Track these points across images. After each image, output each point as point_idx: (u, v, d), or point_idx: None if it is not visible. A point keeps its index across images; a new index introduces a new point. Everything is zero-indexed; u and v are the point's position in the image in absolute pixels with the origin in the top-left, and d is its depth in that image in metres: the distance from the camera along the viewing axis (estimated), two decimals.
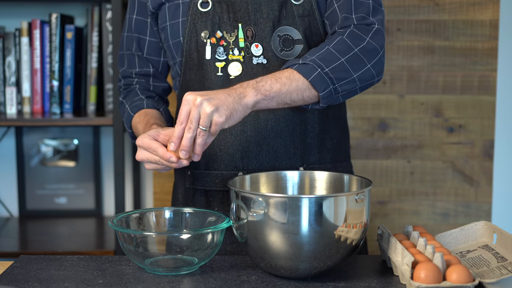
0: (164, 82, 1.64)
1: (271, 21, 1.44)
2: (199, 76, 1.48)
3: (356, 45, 1.37)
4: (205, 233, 1.23)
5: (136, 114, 1.54)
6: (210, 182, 1.50)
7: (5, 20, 2.43)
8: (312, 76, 1.33)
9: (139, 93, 1.59)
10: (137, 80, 1.62)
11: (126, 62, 1.62)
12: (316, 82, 1.33)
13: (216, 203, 1.50)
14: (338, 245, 1.18)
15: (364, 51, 1.37)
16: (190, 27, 1.46)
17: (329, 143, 1.51)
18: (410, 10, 2.44)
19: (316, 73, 1.33)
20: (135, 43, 1.60)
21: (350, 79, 1.36)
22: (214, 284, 1.18)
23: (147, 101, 1.57)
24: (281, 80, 1.31)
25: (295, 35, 1.44)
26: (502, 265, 1.21)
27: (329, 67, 1.33)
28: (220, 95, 1.25)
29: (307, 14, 1.45)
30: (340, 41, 1.37)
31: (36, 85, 2.30)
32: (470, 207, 2.49)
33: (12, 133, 2.52)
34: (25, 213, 2.53)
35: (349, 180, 1.34)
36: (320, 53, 1.35)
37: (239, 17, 1.45)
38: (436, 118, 2.47)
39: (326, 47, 1.36)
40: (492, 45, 2.44)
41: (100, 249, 2.17)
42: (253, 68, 1.44)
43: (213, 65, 1.45)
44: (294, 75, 1.33)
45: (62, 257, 1.33)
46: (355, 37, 1.38)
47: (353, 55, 1.36)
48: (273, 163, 1.46)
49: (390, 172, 2.49)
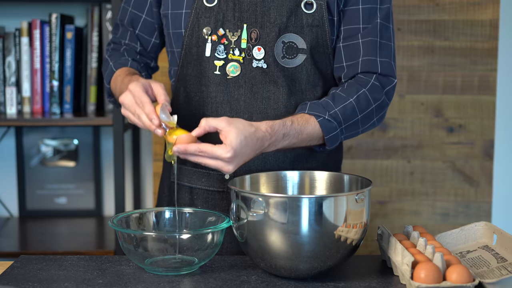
0: (150, 60, 1.61)
1: (277, 26, 1.42)
2: (196, 71, 1.47)
3: (374, 101, 1.43)
4: (205, 233, 1.23)
5: (118, 70, 1.52)
6: (195, 180, 1.50)
7: (5, 20, 2.43)
8: (330, 135, 1.39)
9: (126, 55, 1.57)
10: (125, 47, 1.60)
11: (119, 32, 1.60)
12: (330, 139, 1.40)
13: (200, 201, 1.50)
14: (338, 245, 1.18)
15: (378, 107, 1.44)
16: (193, 21, 1.45)
17: (319, 154, 1.51)
18: (410, 10, 2.44)
19: (334, 133, 1.39)
20: (128, 18, 1.57)
21: (355, 133, 1.45)
22: (214, 284, 1.18)
23: (132, 62, 1.54)
24: (302, 136, 1.36)
25: (300, 43, 1.43)
26: (502, 266, 1.21)
27: (346, 124, 1.41)
28: (251, 154, 1.28)
29: (317, 24, 1.43)
30: (363, 96, 1.41)
31: (36, 85, 2.30)
32: (470, 207, 2.49)
33: (12, 133, 2.52)
34: (25, 213, 2.53)
35: (349, 180, 1.34)
36: (343, 106, 1.40)
37: (245, 18, 1.43)
38: (436, 118, 2.47)
39: (350, 100, 1.40)
40: (492, 45, 2.44)
41: (100, 249, 2.17)
42: (252, 71, 1.43)
43: (212, 63, 1.44)
44: (315, 131, 1.38)
45: (62, 257, 1.33)
46: (375, 91, 1.43)
47: (369, 112, 1.43)
48: (261, 169, 1.46)
49: (390, 172, 2.49)
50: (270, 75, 1.43)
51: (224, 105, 1.44)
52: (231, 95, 1.44)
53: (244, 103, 1.44)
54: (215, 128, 1.25)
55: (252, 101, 1.44)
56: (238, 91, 1.44)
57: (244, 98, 1.44)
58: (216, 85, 1.44)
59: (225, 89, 1.44)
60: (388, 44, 1.45)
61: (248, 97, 1.44)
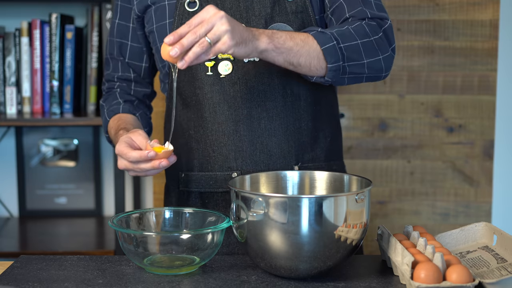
0: (146, 88, 1.63)
1: (263, 18, 1.43)
2: (189, 76, 1.47)
3: (373, 34, 1.39)
4: (205, 233, 1.23)
5: (111, 119, 1.54)
6: (204, 184, 1.49)
7: (5, 20, 2.43)
8: (326, 46, 1.34)
9: (118, 97, 1.59)
10: (119, 84, 1.61)
11: (111, 66, 1.62)
12: (328, 52, 1.34)
13: (212, 204, 1.49)
14: (338, 245, 1.18)
15: (378, 42, 1.39)
16: (178, 28, 1.45)
17: (322, 141, 1.51)
18: (410, 10, 2.44)
19: (330, 44, 1.34)
20: (116, 48, 1.59)
21: (360, 63, 1.37)
22: (214, 284, 1.18)
23: (124, 105, 1.56)
24: (295, 40, 1.32)
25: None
26: (502, 266, 1.21)
27: (345, 43, 1.35)
28: (239, 25, 1.24)
29: (300, 10, 1.44)
30: (359, 26, 1.38)
31: (36, 85, 2.30)
32: (470, 207, 2.49)
33: (12, 133, 2.52)
34: (25, 213, 2.53)
35: (349, 180, 1.34)
36: (339, 29, 1.36)
37: (230, 15, 1.42)
38: (436, 118, 2.47)
39: (346, 26, 1.37)
40: (492, 45, 2.44)
41: (100, 249, 2.17)
42: (244, 67, 1.44)
43: (203, 65, 1.44)
44: (309, 40, 1.33)
45: (62, 257, 1.33)
46: (372, 28, 1.40)
47: (369, 42, 1.38)
48: (268, 162, 1.46)
49: (390, 172, 2.49)
50: (263, 67, 1.43)
51: (222, 104, 1.44)
52: (226, 93, 1.44)
53: (241, 99, 1.44)
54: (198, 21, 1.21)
55: (249, 96, 1.44)
56: (234, 88, 1.44)
57: (240, 94, 1.44)
58: (210, 86, 1.44)
59: (220, 88, 1.44)
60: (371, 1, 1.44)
61: (244, 93, 1.44)
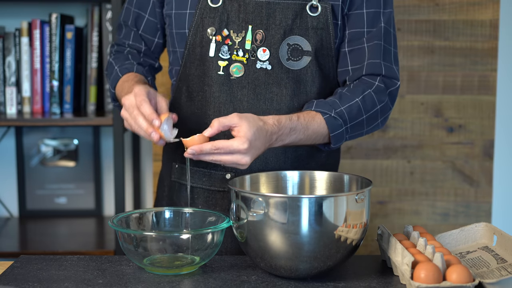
0: (154, 60, 1.62)
1: (282, 28, 1.43)
2: (200, 71, 1.47)
3: (379, 102, 1.44)
4: (205, 233, 1.23)
5: (124, 75, 1.51)
6: (196, 179, 1.50)
7: (5, 20, 2.43)
8: (336, 132, 1.40)
9: (130, 58, 1.57)
10: (129, 49, 1.60)
11: (123, 32, 1.61)
12: (335, 136, 1.40)
13: (201, 201, 1.50)
14: (338, 245, 1.18)
15: (383, 109, 1.45)
16: (197, 21, 1.45)
17: (317, 156, 1.52)
18: (410, 10, 2.44)
19: (340, 130, 1.40)
20: (132, 18, 1.57)
21: (360, 133, 1.45)
22: (214, 284, 1.18)
23: (137, 66, 1.54)
24: (308, 132, 1.37)
25: (305, 46, 1.44)
26: (501, 266, 1.21)
27: (352, 122, 1.41)
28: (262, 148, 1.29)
29: (321, 27, 1.44)
30: (368, 97, 1.42)
31: (36, 85, 2.30)
32: (470, 207, 2.49)
33: (12, 133, 2.52)
34: (25, 213, 2.53)
35: (349, 180, 1.34)
36: (349, 105, 1.40)
37: (251, 19, 1.43)
38: (436, 118, 2.47)
39: (356, 100, 1.41)
40: (492, 45, 2.44)
41: (100, 249, 2.17)
42: (256, 72, 1.44)
43: (215, 63, 1.45)
44: (320, 128, 1.38)
45: (62, 257, 1.33)
46: (380, 92, 1.44)
47: (374, 113, 1.44)
48: (262, 170, 1.46)
49: (390, 172, 2.49)
50: (274, 76, 1.44)
51: (227, 105, 1.45)
52: (234, 95, 1.44)
53: (247, 103, 1.44)
54: (228, 126, 1.26)
55: (255, 102, 1.44)
56: (241, 92, 1.44)
57: (247, 98, 1.44)
58: (219, 85, 1.44)
59: (228, 89, 1.44)
60: (390, 49, 1.47)
61: (251, 98, 1.44)
